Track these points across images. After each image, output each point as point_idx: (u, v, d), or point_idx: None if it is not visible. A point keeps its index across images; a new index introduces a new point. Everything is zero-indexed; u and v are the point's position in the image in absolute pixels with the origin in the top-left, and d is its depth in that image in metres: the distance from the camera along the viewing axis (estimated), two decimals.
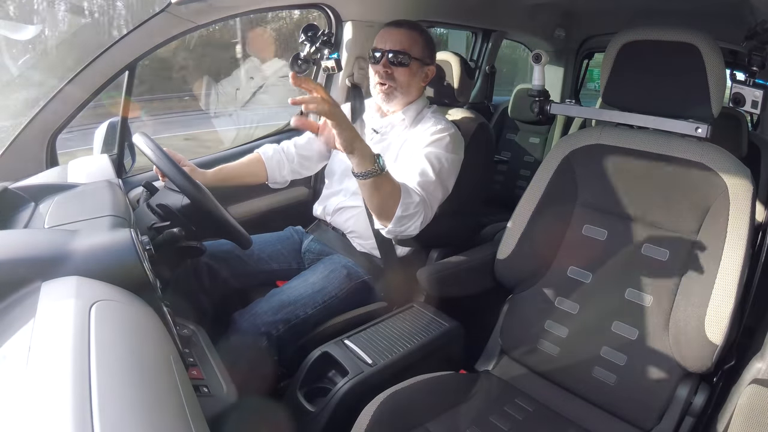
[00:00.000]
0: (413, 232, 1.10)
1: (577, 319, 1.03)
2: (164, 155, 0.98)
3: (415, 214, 1.07)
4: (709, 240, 0.90)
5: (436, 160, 1.16)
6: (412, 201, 1.05)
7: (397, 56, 1.21)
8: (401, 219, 1.05)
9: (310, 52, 1.58)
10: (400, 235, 1.11)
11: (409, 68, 1.23)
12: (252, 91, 3.14)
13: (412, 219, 1.07)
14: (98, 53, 1.17)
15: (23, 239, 0.64)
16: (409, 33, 1.23)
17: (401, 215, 1.04)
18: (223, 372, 0.76)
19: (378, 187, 0.99)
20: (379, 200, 1.02)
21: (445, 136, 1.21)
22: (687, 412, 0.91)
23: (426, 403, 0.91)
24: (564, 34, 2.39)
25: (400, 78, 1.23)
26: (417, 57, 1.23)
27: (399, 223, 1.05)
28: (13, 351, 0.44)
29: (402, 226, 1.07)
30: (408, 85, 1.25)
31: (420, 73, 1.26)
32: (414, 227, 1.08)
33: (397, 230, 1.08)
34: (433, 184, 1.13)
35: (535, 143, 2.39)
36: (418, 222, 1.08)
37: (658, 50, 0.94)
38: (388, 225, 1.06)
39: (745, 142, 1.66)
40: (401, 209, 1.04)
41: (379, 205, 1.04)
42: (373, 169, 0.96)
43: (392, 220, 1.04)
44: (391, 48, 1.21)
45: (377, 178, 0.97)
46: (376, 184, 0.99)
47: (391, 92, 1.24)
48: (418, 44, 1.23)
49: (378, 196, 1.01)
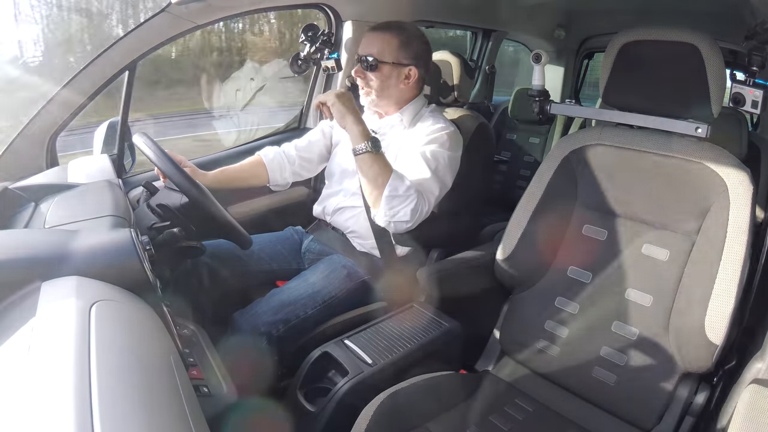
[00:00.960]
0: (406, 218, 1.12)
1: (577, 319, 1.03)
2: (164, 155, 0.98)
3: (406, 198, 1.11)
4: (709, 240, 0.90)
5: (432, 157, 1.18)
6: (402, 184, 1.11)
7: (366, 60, 1.22)
8: (390, 200, 1.10)
9: (310, 52, 1.58)
10: (394, 222, 1.13)
11: (379, 71, 1.23)
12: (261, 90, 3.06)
13: (403, 202, 1.11)
14: (98, 53, 1.17)
15: (23, 239, 0.64)
16: (382, 36, 1.23)
17: (389, 195, 1.10)
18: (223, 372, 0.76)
19: (370, 164, 1.11)
20: (369, 177, 1.12)
21: (442, 134, 1.21)
22: (687, 412, 0.91)
23: (426, 403, 0.91)
24: (564, 34, 2.39)
25: (373, 82, 1.24)
26: (387, 60, 1.22)
27: (389, 204, 1.11)
28: (14, 351, 0.44)
29: (392, 209, 1.11)
30: (381, 88, 1.25)
31: (395, 75, 1.25)
32: (405, 213, 1.11)
33: (389, 214, 1.12)
34: (429, 179, 1.16)
35: (535, 143, 2.39)
36: (408, 208, 1.11)
37: (658, 50, 0.94)
38: (379, 207, 1.12)
39: (745, 142, 1.66)
40: (389, 189, 1.10)
41: (370, 183, 1.12)
42: (365, 146, 1.10)
43: (382, 200, 1.11)
44: (363, 53, 1.23)
45: (369, 155, 1.10)
46: (369, 161, 1.11)
47: (369, 95, 1.26)
48: (391, 46, 1.22)
49: (368, 173, 1.12)
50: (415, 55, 1.26)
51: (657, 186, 0.98)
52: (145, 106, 3.46)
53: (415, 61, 1.26)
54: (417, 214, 1.12)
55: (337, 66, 1.61)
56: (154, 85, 3.71)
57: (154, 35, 1.22)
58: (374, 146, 1.10)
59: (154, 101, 3.79)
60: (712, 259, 0.88)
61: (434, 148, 1.19)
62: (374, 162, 1.10)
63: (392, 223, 1.13)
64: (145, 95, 3.17)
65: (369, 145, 1.10)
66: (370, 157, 1.10)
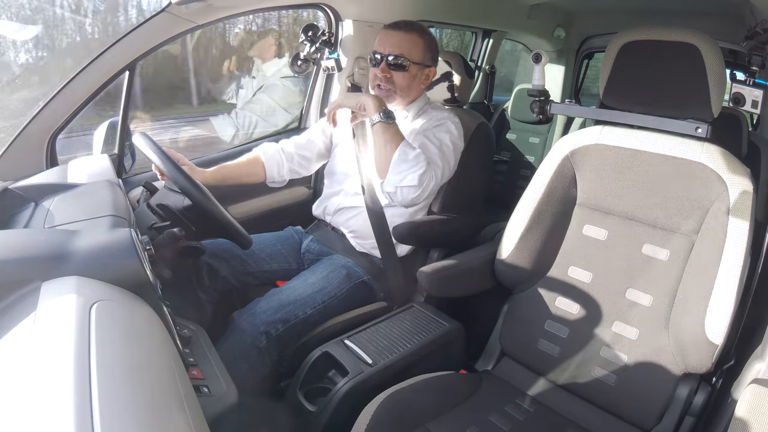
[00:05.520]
0: (413, 183, 1.12)
1: (578, 319, 1.03)
2: (164, 155, 0.98)
3: (415, 165, 1.12)
4: (710, 240, 0.90)
5: (437, 138, 1.23)
6: (412, 151, 1.15)
7: (397, 60, 1.22)
8: (398, 164, 1.13)
9: (310, 52, 1.59)
10: (401, 187, 1.13)
11: (408, 72, 1.24)
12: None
13: (412, 168, 1.12)
14: (98, 53, 1.17)
15: (23, 239, 0.64)
16: (408, 36, 1.23)
17: (397, 159, 1.13)
18: (223, 372, 0.76)
19: (383, 131, 1.16)
20: (381, 143, 1.17)
21: (447, 122, 1.26)
22: (687, 411, 0.91)
23: (426, 403, 0.91)
24: (564, 34, 2.39)
25: (399, 82, 1.25)
26: (416, 61, 1.24)
27: (397, 168, 1.13)
28: (14, 351, 0.44)
29: (400, 173, 1.12)
30: (407, 88, 1.27)
31: (420, 76, 1.28)
32: (412, 177, 1.12)
33: (397, 179, 1.13)
34: (435, 155, 1.20)
35: (535, 143, 2.39)
36: (416, 174, 1.12)
37: (658, 50, 0.94)
38: (387, 173, 1.15)
39: (745, 142, 1.66)
40: (398, 153, 1.14)
41: (381, 152, 1.17)
42: (378, 117, 1.16)
43: (390, 165, 1.14)
44: (391, 52, 1.22)
45: (382, 124, 1.16)
46: (382, 129, 1.16)
47: (390, 95, 1.26)
48: (419, 47, 1.24)
49: (382, 140, 1.16)
50: (433, 56, 1.30)
51: (657, 186, 0.98)
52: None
53: (433, 62, 1.30)
54: (425, 182, 1.13)
55: (337, 66, 1.61)
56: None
57: (154, 35, 1.22)
58: (386, 117, 1.16)
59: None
60: (712, 259, 0.88)
61: (439, 132, 1.24)
62: (386, 130, 1.16)
63: (399, 189, 1.14)
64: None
65: (382, 115, 1.16)
66: (383, 125, 1.16)
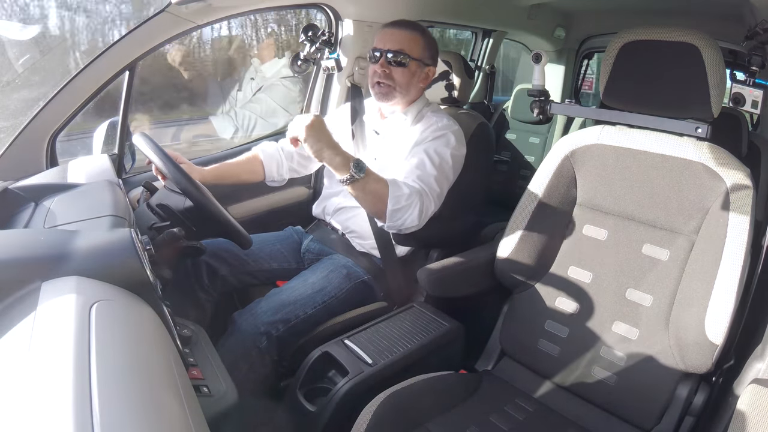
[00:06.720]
0: (414, 223, 1.12)
1: (577, 319, 1.03)
2: (164, 155, 0.98)
3: (409, 206, 1.10)
4: (710, 240, 0.90)
5: (437, 155, 1.19)
6: (402, 194, 1.10)
7: (397, 56, 1.21)
8: (394, 213, 1.10)
9: (310, 51, 1.59)
10: (401, 228, 1.13)
11: (407, 68, 1.23)
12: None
13: (407, 211, 1.11)
14: (98, 53, 1.17)
15: (23, 239, 0.64)
16: (409, 33, 1.23)
17: (393, 209, 1.10)
18: (223, 372, 0.76)
19: (362, 189, 1.07)
20: (366, 201, 1.10)
21: (446, 132, 1.23)
22: (687, 411, 0.91)
23: (426, 403, 0.91)
24: (564, 34, 2.39)
25: (399, 78, 1.23)
26: (416, 57, 1.23)
27: (393, 217, 1.11)
28: (14, 351, 0.44)
29: (398, 220, 1.11)
30: (407, 85, 1.25)
31: (419, 74, 1.27)
32: (411, 218, 1.11)
33: (395, 224, 1.12)
34: (435, 177, 1.16)
35: (535, 143, 2.39)
36: (414, 213, 1.11)
37: (658, 50, 0.94)
38: (385, 221, 1.12)
39: (745, 142, 1.66)
40: (391, 203, 1.09)
41: (370, 205, 1.12)
42: (350, 175, 1.04)
43: (386, 215, 1.10)
44: (390, 48, 1.22)
45: (358, 182, 1.05)
46: (359, 187, 1.06)
47: (390, 92, 1.24)
48: (419, 45, 1.23)
49: (364, 197, 1.09)
50: (432, 56, 1.29)
51: (657, 186, 0.98)
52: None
53: (433, 61, 1.29)
54: (423, 215, 1.13)
55: (337, 66, 1.61)
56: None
57: (154, 35, 1.22)
58: (358, 170, 1.04)
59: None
60: (712, 259, 0.88)
61: (439, 146, 1.20)
62: (366, 184, 1.06)
63: (401, 229, 1.15)
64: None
65: (354, 171, 1.04)
66: (360, 182, 1.05)
